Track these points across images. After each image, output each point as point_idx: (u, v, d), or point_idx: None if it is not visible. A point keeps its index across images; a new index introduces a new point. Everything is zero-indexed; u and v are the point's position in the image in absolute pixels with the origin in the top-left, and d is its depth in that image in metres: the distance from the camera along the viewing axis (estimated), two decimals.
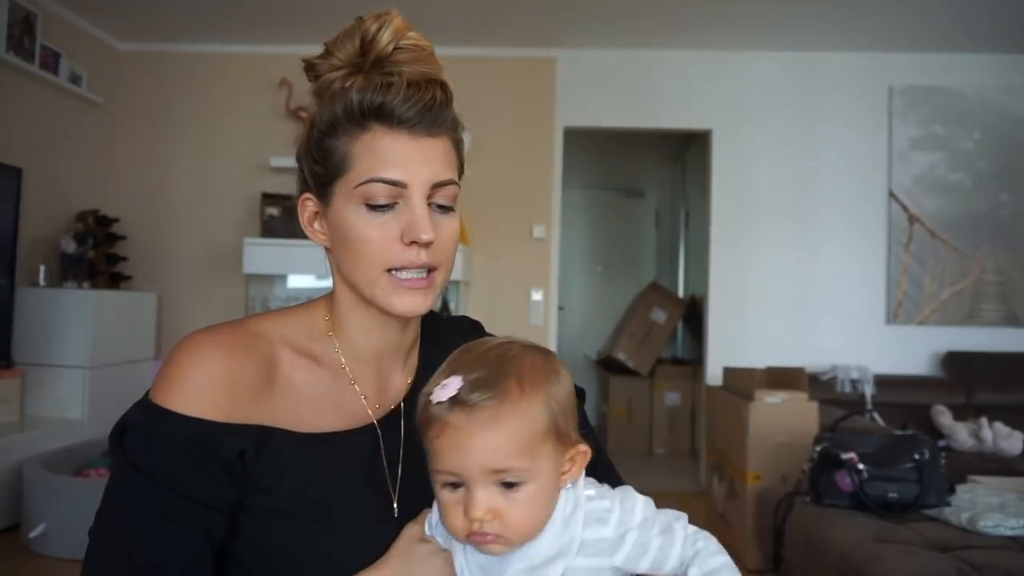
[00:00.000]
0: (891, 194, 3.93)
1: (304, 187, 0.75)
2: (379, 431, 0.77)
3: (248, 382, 0.69)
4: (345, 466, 0.73)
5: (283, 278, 4.03)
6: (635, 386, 4.97)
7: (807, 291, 3.95)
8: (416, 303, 0.71)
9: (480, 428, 0.61)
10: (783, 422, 2.81)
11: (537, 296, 3.98)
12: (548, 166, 4.00)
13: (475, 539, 0.63)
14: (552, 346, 3.92)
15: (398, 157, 0.69)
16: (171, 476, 0.64)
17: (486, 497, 0.62)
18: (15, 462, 2.90)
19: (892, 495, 2.12)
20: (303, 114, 3.93)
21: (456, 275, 3.71)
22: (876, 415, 3.37)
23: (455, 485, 0.63)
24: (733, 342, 3.95)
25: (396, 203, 0.69)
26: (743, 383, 2.99)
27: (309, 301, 0.81)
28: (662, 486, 4.09)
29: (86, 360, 3.33)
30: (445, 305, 3.86)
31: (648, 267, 5.96)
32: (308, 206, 0.75)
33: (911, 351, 3.90)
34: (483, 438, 0.61)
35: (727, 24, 3.66)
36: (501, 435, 0.61)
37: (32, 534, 2.65)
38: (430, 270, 0.72)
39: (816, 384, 3.56)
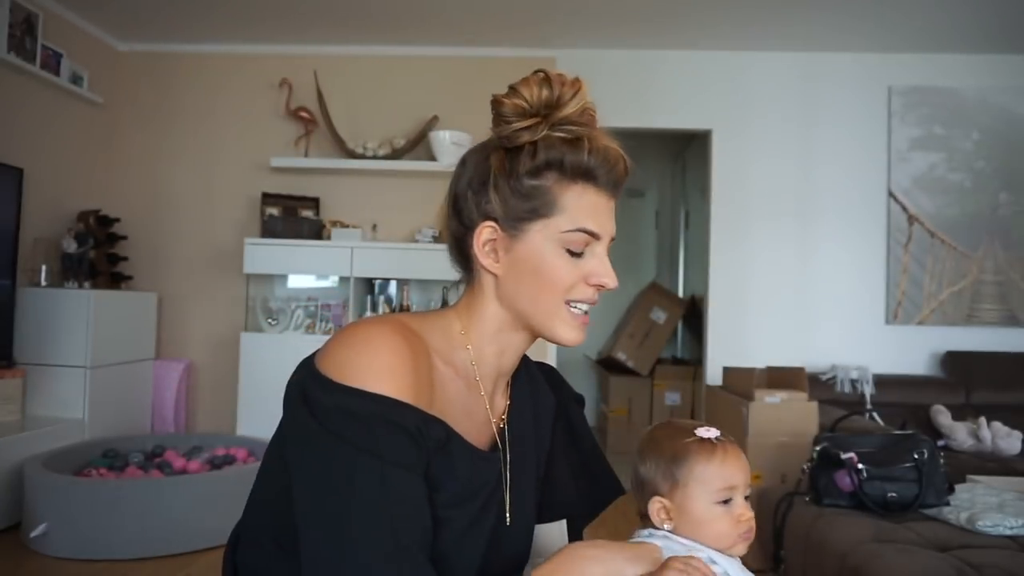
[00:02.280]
0: (890, 194, 3.93)
1: (483, 216, 0.80)
2: (499, 443, 0.86)
3: (424, 379, 0.74)
4: (485, 478, 0.79)
5: (283, 278, 4.03)
6: (635, 386, 4.97)
7: (807, 291, 3.95)
8: (580, 336, 0.82)
9: (740, 451, 0.91)
10: (783, 422, 2.82)
11: None
12: None
13: (747, 536, 0.91)
14: (552, 346, 3.92)
15: (598, 213, 0.79)
16: (408, 458, 0.68)
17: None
18: (16, 462, 2.90)
19: (892, 495, 2.13)
20: (303, 114, 3.94)
21: (456, 275, 3.71)
22: (876, 415, 3.38)
23: (726, 501, 0.89)
24: (733, 342, 3.95)
25: (584, 250, 0.79)
26: (743, 383, 2.99)
27: (439, 311, 0.86)
28: None
29: (87, 360, 3.33)
30: (445, 305, 3.86)
31: (648, 267, 5.97)
32: (486, 233, 0.80)
33: (910, 351, 3.91)
34: (744, 458, 0.91)
35: (727, 24, 3.66)
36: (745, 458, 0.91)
37: (33, 534, 2.66)
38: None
39: (816, 384, 3.56)
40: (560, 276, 0.78)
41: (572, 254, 0.78)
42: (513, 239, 0.79)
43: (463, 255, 0.84)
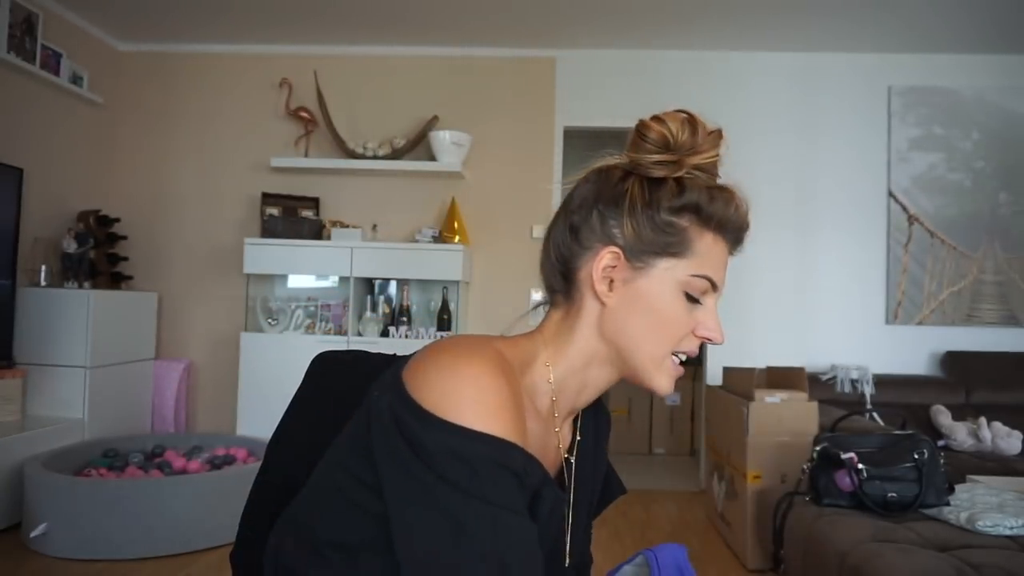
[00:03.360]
0: (890, 194, 3.93)
1: (608, 239, 0.76)
2: (565, 478, 0.82)
3: (522, 419, 0.69)
4: (557, 519, 0.76)
5: (283, 278, 4.03)
6: (635, 386, 4.96)
7: (807, 291, 3.95)
8: (672, 387, 0.79)
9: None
10: (783, 422, 2.82)
11: (537, 296, 3.97)
12: (548, 166, 4.00)
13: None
14: None
15: (722, 265, 0.79)
16: (516, 503, 0.64)
17: None
18: (16, 462, 2.90)
19: (891, 495, 2.13)
20: (303, 114, 3.94)
21: (456, 275, 3.71)
22: (876, 415, 3.38)
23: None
24: (733, 342, 3.95)
25: (700, 300, 0.77)
26: (743, 383, 2.99)
27: (524, 337, 0.81)
28: (662, 486, 4.10)
29: (87, 360, 3.33)
30: (445, 305, 3.86)
31: None
32: (607, 258, 0.75)
33: (910, 351, 3.91)
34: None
35: (727, 24, 3.66)
36: None
37: (33, 534, 2.66)
38: None
39: (816, 384, 3.56)
40: (675, 321, 0.75)
41: (689, 299, 0.76)
42: (636, 271, 0.75)
43: (566, 275, 0.78)
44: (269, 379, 3.57)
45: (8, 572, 2.55)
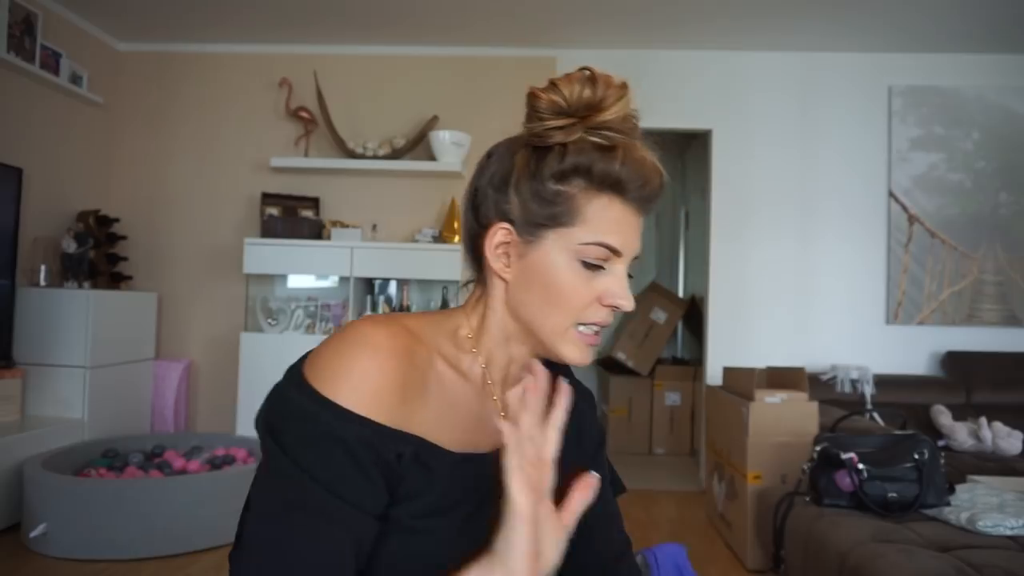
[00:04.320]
0: (891, 194, 3.93)
1: (500, 215, 0.75)
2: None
3: (412, 388, 0.70)
4: (474, 484, 0.75)
5: (283, 278, 4.03)
6: (635, 386, 4.97)
7: (807, 291, 3.95)
8: (587, 357, 0.76)
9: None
10: (783, 422, 2.81)
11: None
12: None
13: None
14: None
15: (622, 228, 0.74)
16: (333, 476, 0.64)
17: None
18: (15, 462, 2.90)
19: (892, 495, 2.12)
20: (303, 114, 3.94)
21: (456, 275, 3.71)
22: (876, 415, 3.38)
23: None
24: (733, 342, 3.95)
25: (603, 266, 0.74)
26: (743, 383, 2.99)
27: (448, 312, 0.82)
28: (662, 486, 4.10)
29: (86, 360, 3.33)
30: (445, 305, 3.86)
31: (648, 267, 5.96)
32: (500, 235, 0.75)
33: (911, 351, 3.91)
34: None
35: (727, 24, 3.66)
36: None
37: (33, 534, 2.66)
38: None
39: (816, 384, 3.56)
40: (571, 292, 0.73)
41: (588, 267, 0.73)
42: (527, 245, 0.74)
43: (476, 254, 0.80)
44: (269, 379, 3.52)
45: (8, 572, 2.55)
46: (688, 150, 5.46)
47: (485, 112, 4.01)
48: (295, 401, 0.66)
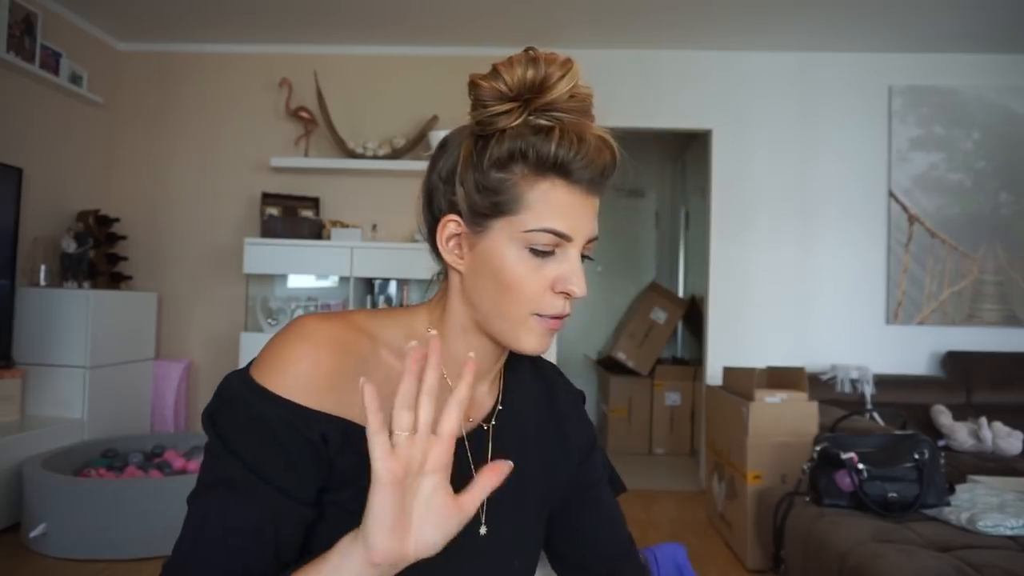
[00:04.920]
0: (891, 194, 3.93)
1: (449, 208, 0.75)
2: (467, 445, 0.78)
3: (346, 376, 0.70)
4: None
5: (283, 278, 4.03)
6: (635, 386, 4.97)
7: (807, 291, 3.95)
8: (544, 345, 0.75)
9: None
10: (783, 422, 2.81)
11: None
12: None
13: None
14: (552, 346, 3.92)
15: (570, 211, 0.71)
16: (255, 455, 0.66)
17: None
18: (15, 462, 2.90)
19: (892, 495, 2.12)
20: (303, 114, 3.94)
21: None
22: (876, 415, 3.38)
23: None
24: (733, 342, 3.95)
25: (554, 251, 0.72)
26: (743, 383, 2.99)
27: (409, 307, 0.81)
28: (662, 486, 4.10)
29: (86, 360, 3.33)
30: None
31: (648, 267, 5.96)
32: (450, 227, 0.75)
33: (911, 351, 3.91)
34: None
35: (727, 24, 3.66)
36: None
37: (32, 534, 2.66)
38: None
39: (816, 384, 3.56)
40: (522, 281, 0.71)
41: (537, 254, 0.70)
42: (477, 235, 0.73)
43: (433, 247, 0.79)
44: None
45: (7, 572, 2.55)
46: (688, 150, 5.47)
47: None
48: (232, 388, 0.69)
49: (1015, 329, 3.88)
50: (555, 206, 0.70)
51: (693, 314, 5.05)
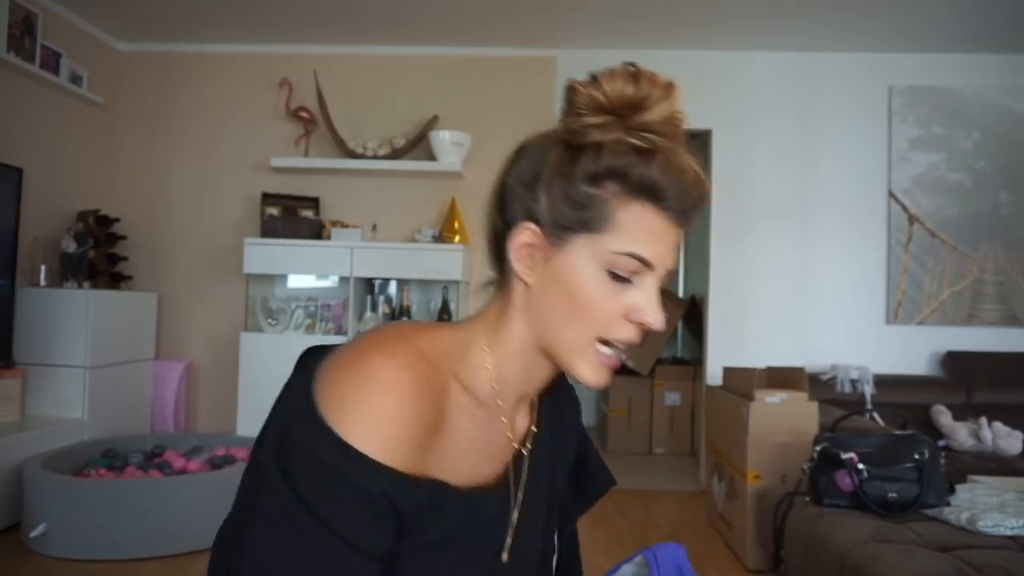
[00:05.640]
0: (891, 194, 3.93)
1: (527, 215, 0.70)
2: (511, 471, 0.77)
3: (428, 425, 0.66)
4: (481, 520, 0.73)
5: (283, 278, 4.03)
6: (635, 386, 4.97)
7: (807, 291, 3.95)
8: (600, 379, 0.71)
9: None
10: (783, 422, 2.81)
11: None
12: None
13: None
14: None
15: (657, 239, 0.68)
16: (347, 525, 0.60)
17: None
18: (15, 462, 2.90)
19: (892, 495, 2.12)
20: (303, 114, 3.94)
21: (456, 275, 3.71)
22: (876, 415, 3.38)
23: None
24: (733, 342, 3.95)
25: (633, 278, 0.68)
26: (743, 383, 2.99)
27: (462, 325, 0.76)
28: (662, 486, 4.10)
29: (86, 360, 3.33)
30: (445, 305, 3.86)
31: None
32: (525, 236, 0.70)
33: (911, 351, 3.91)
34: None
35: (727, 24, 3.66)
36: None
37: (32, 534, 2.66)
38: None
39: (816, 384, 3.56)
40: (596, 303, 0.68)
41: (616, 278, 0.67)
42: (554, 248, 0.68)
43: (499, 254, 0.74)
44: (269, 379, 3.55)
45: (7, 572, 2.55)
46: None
47: (485, 112, 4.01)
48: (310, 441, 0.61)
49: (1015, 329, 3.88)
50: (644, 231, 0.67)
51: (693, 314, 5.05)
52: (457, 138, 3.83)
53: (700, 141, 4.36)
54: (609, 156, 0.66)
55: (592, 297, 0.68)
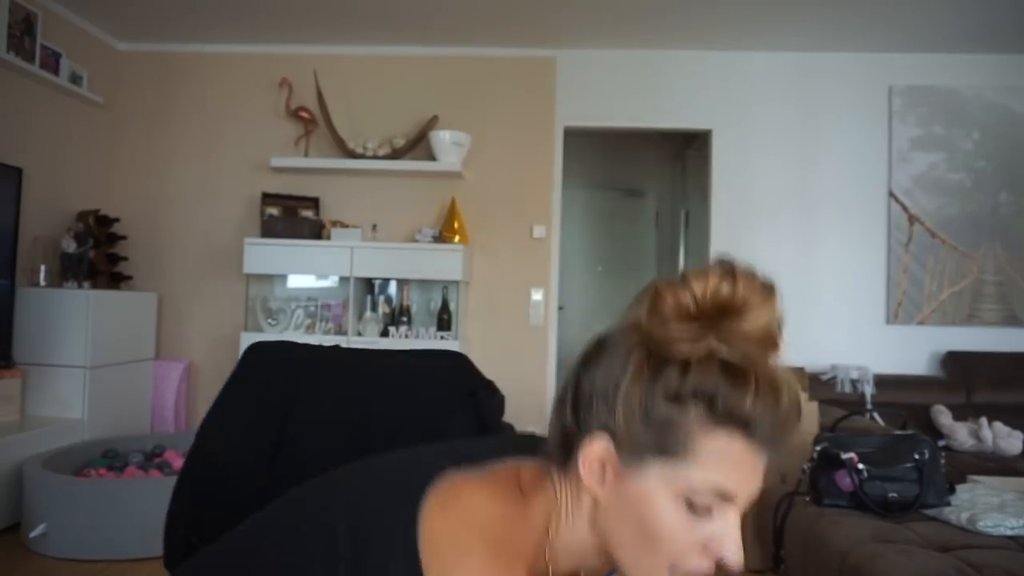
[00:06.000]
0: (891, 194, 3.93)
1: (601, 427, 0.64)
2: None
3: None
4: None
5: (283, 278, 4.03)
6: None
7: (807, 291, 3.95)
8: None
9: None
10: None
11: (537, 296, 3.98)
12: (548, 166, 4.00)
13: None
14: (552, 346, 3.92)
15: (742, 470, 0.62)
16: None
17: None
18: (15, 462, 2.90)
19: (892, 495, 2.12)
20: (303, 114, 3.94)
21: (456, 275, 3.71)
22: (876, 415, 3.37)
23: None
24: None
25: (713, 511, 0.63)
26: None
27: (518, 501, 0.69)
28: None
29: (86, 360, 3.33)
30: (445, 305, 3.86)
31: (648, 267, 5.96)
32: (598, 449, 0.64)
33: (911, 351, 3.91)
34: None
35: (727, 24, 3.66)
36: None
37: (32, 534, 2.66)
38: None
39: (816, 384, 3.56)
40: (670, 536, 0.62)
41: (694, 510, 0.61)
42: (627, 468, 0.63)
43: (567, 448, 0.68)
44: None
45: (7, 572, 2.55)
46: (688, 150, 5.46)
47: (485, 112, 4.01)
48: None
49: (1015, 329, 3.88)
50: (729, 463, 0.61)
51: None
52: (457, 138, 3.83)
53: (700, 141, 4.36)
54: (697, 376, 0.60)
55: (666, 530, 0.62)
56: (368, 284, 3.97)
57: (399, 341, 3.71)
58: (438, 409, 1.05)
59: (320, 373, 1.12)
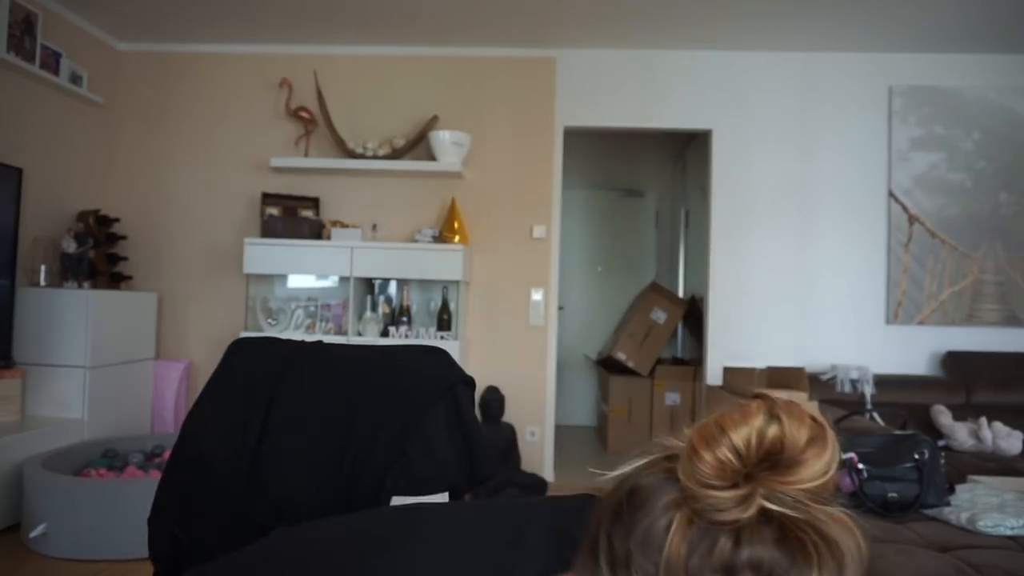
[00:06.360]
0: (891, 194, 3.93)
1: (607, 557, 0.56)
2: None
3: None
4: None
5: (283, 278, 4.03)
6: (635, 386, 4.97)
7: (807, 291, 3.95)
8: None
9: None
10: None
11: (537, 296, 3.98)
12: (548, 166, 4.00)
13: None
14: (552, 346, 3.92)
15: None
16: None
17: None
18: (15, 462, 2.90)
19: (892, 495, 2.12)
20: (303, 114, 3.94)
21: (456, 275, 3.71)
22: (876, 415, 3.37)
23: None
24: (733, 342, 3.95)
25: None
26: (743, 383, 2.99)
27: None
28: None
29: (86, 360, 3.33)
30: (445, 305, 3.86)
31: (648, 267, 5.96)
32: None
33: (911, 351, 3.91)
34: None
35: (727, 24, 3.66)
36: None
37: (32, 534, 2.66)
38: None
39: (816, 384, 3.56)
40: None
41: None
42: None
43: None
44: None
45: (7, 572, 2.55)
46: (688, 150, 5.47)
47: (485, 112, 4.01)
48: None
49: (1015, 329, 3.88)
50: None
51: (693, 314, 5.05)
52: (457, 138, 3.83)
53: (700, 141, 4.36)
54: (750, 544, 0.51)
55: None
56: (368, 284, 3.97)
57: (399, 341, 3.71)
58: (418, 402, 1.07)
59: (302, 368, 1.13)
